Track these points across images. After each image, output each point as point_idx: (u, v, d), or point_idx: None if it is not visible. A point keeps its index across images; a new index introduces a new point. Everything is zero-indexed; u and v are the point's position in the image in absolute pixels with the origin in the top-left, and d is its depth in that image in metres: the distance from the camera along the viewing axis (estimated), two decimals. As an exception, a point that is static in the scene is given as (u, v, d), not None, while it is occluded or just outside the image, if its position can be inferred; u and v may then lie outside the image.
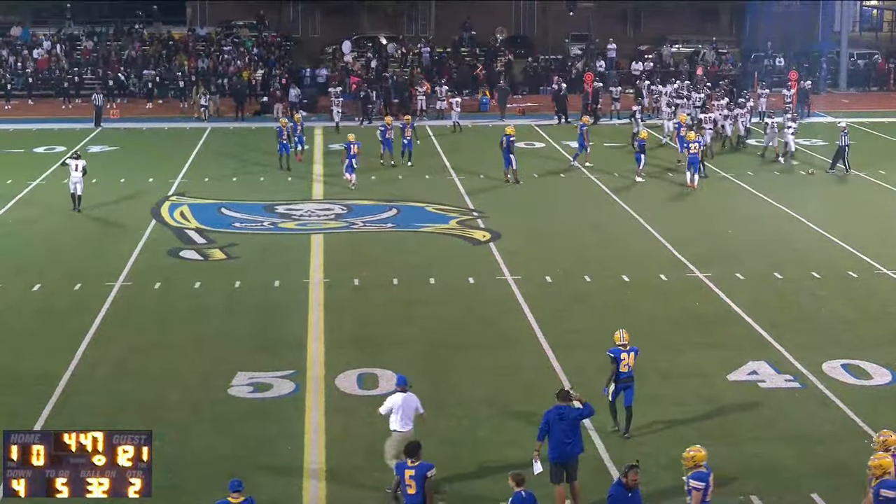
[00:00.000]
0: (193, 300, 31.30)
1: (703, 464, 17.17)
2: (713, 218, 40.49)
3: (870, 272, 33.50)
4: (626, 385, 22.45)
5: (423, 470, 17.67)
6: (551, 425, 19.32)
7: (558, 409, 19.50)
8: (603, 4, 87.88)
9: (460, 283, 32.65)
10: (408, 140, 49.38)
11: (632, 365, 22.42)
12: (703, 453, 17.25)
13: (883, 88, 75.79)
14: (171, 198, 43.55)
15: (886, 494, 16.74)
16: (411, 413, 20.35)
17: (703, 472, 17.10)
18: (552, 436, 19.30)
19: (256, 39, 79.42)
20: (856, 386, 25.13)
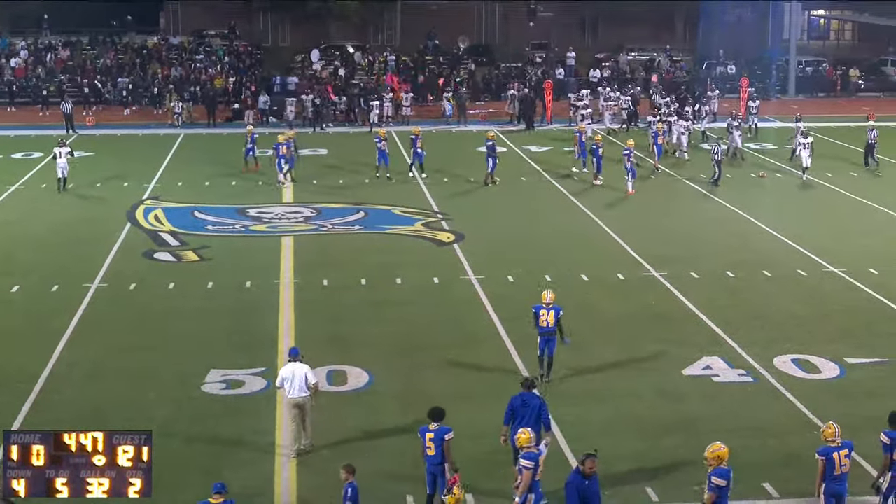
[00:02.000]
0: (168, 301, 31.20)
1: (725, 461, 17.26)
2: (668, 219, 40.60)
3: (818, 271, 33.67)
4: (548, 338, 24.63)
5: (442, 433, 18.49)
6: (515, 411, 19.73)
7: (522, 396, 19.90)
8: (562, 14, 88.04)
9: (426, 283, 32.66)
10: (420, 151, 47.78)
11: (551, 322, 24.47)
12: (726, 450, 17.32)
13: (830, 95, 76.15)
14: (145, 201, 43.39)
15: (717, 482, 16.99)
16: (302, 381, 21.30)
17: (725, 470, 17.15)
18: (517, 421, 19.57)
19: (228, 48, 79.29)
20: (805, 380, 25.26)
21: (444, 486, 18.12)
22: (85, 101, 68.00)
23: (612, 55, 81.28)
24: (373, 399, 24.23)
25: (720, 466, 17.13)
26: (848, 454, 17.85)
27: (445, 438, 18.47)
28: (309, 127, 60.99)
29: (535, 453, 17.69)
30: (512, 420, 19.73)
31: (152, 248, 36.60)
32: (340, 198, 44.08)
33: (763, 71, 77.11)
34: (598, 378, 25.24)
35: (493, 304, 30.47)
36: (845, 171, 48.56)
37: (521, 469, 17.56)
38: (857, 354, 26.66)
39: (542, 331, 24.67)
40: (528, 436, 17.83)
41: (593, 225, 39.38)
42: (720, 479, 17.04)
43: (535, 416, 19.66)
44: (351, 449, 21.61)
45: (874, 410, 21.28)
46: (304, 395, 21.37)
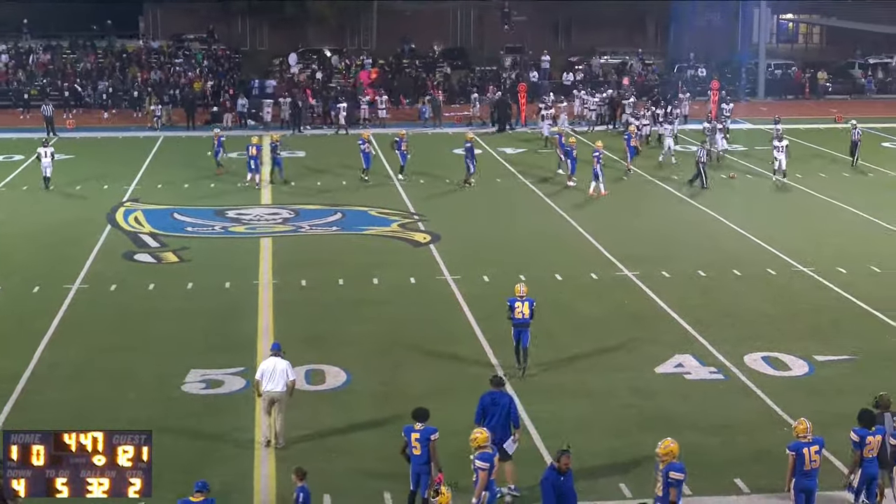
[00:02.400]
0: (148, 301, 31.11)
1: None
2: (640, 220, 40.68)
3: (788, 270, 33.79)
4: (522, 329, 25.00)
5: (428, 434, 18.46)
6: (486, 409, 19.76)
7: (492, 394, 19.92)
8: (536, 17, 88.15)
9: (403, 282, 32.66)
10: (405, 153, 47.68)
11: (526, 314, 24.88)
12: (677, 445, 17.31)
13: (798, 97, 76.42)
14: (125, 204, 43.25)
15: (675, 476, 17.02)
16: (280, 376, 21.44)
17: (680, 464, 17.17)
18: (487, 419, 19.63)
19: (206, 52, 79.14)
20: (775, 377, 25.34)
21: (427, 485, 18.12)
22: (65, 104, 67.83)
23: (585, 58, 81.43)
24: (350, 397, 24.21)
25: (674, 461, 17.15)
26: (818, 450, 17.90)
27: (431, 438, 18.46)
28: (286, 129, 60.87)
29: (490, 453, 17.65)
30: (483, 418, 19.73)
31: (132, 250, 36.49)
32: (318, 199, 44.04)
33: (733, 74, 77.36)
34: (572, 376, 25.26)
35: (468, 304, 30.48)
36: (814, 172, 48.71)
37: (476, 470, 17.51)
38: (825, 352, 26.76)
39: (517, 322, 25.08)
40: (485, 435, 17.80)
41: (567, 225, 39.43)
42: (679, 474, 17.08)
43: (505, 413, 19.71)
44: (329, 447, 21.62)
45: (843, 407, 21.36)
46: (282, 391, 21.46)
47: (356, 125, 62.10)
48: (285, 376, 21.52)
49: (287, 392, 21.59)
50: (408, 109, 68.75)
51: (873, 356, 26.56)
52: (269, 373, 21.54)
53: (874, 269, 33.79)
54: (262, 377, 21.62)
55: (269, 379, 21.49)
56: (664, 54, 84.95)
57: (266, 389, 21.51)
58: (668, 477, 17.03)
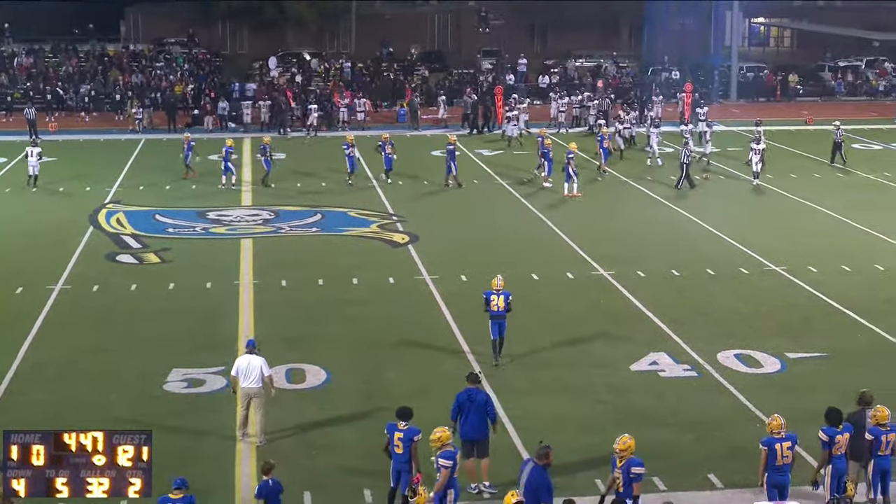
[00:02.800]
0: (130, 302, 31.02)
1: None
2: (616, 220, 40.77)
3: (760, 269, 33.90)
4: (498, 322, 25.53)
5: (411, 434, 18.40)
6: (462, 406, 19.76)
7: (468, 391, 19.91)
8: (512, 21, 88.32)
9: (382, 283, 32.64)
10: (388, 156, 47.20)
11: (501, 306, 25.35)
12: (633, 441, 17.36)
13: (770, 99, 76.63)
14: (107, 205, 43.12)
15: (637, 471, 17.07)
16: (255, 372, 21.51)
17: (639, 459, 17.21)
18: (463, 415, 19.68)
19: (187, 56, 78.97)
20: (748, 374, 25.42)
21: (408, 484, 18.08)
22: (47, 107, 67.60)
23: (561, 61, 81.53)
24: (331, 396, 24.20)
25: (633, 457, 17.19)
26: (791, 446, 17.99)
27: (414, 439, 18.41)
28: (265, 132, 60.68)
29: (453, 452, 17.66)
30: (459, 414, 19.76)
31: (114, 251, 36.39)
32: (298, 201, 44.00)
33: (706, 76, 77.55)
34: (548, 373, 25.29)
35: (446, 303, 30.50)
36: (786, 173, 48.84)
37: (440, 468, 17.49)
38: (797, 349, 26.86)
39: (494, 314, 25.55)
40: (448, 434, 17.78)
41: (543, 226, 39.47)
42: (640, 468, 17.13)
43: (481, 410, 19.72)
44: (310, 444, 21.61)
45: (814, 403, 21.42)
46: (258, 387, 21.53)
47: (335, 128, 62.11)
48: (260, 372, 21.55)
49: (264, 388, 21.63)
50: (386, 112, 68.69)
51: (844, 353, 26.69)
52: (245, 369, 21.62)
53: (845, 268, 33.93)
54: (237, 374, 21.71)
55: (245, 376, 21.58)
56: (638, 57, 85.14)
57: (242, 386, 21.60)
58: (630, 472, 17.06)
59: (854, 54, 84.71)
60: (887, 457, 18.36)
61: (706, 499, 19.49)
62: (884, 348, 27.19)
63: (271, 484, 17.27)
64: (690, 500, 19.24)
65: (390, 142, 47.70)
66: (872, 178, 48.50)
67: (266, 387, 21.70)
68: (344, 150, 47.17)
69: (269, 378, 21.77)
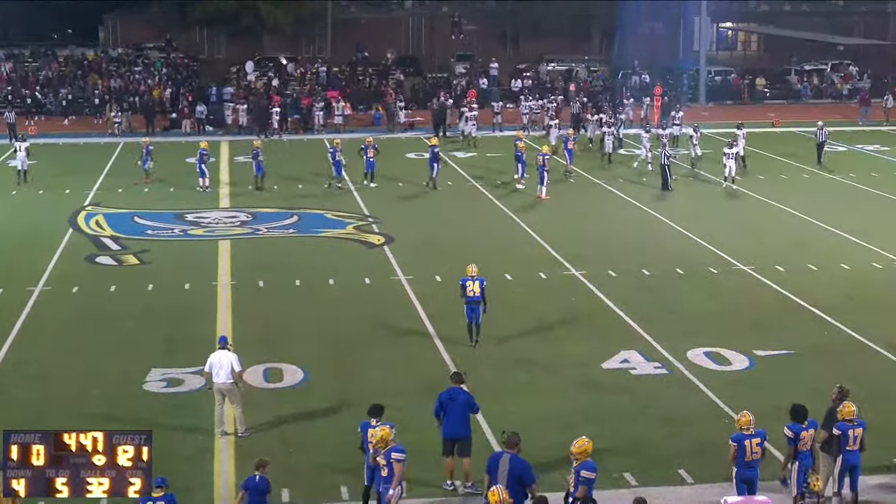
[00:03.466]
0: (109, 303, 30.91)
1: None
2: (587, 221, 40.83)
3: (728, 268, 34.00)
4: (473, 306, 26.56)
5: (391, 452, 17.97)
6: (444, 405, 19.76)
7: (450, 390, 19.92)
8: (485, 26, 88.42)
9: (358, 283, 32.61)
10: (371, 160, 46.85)
11: (476, 292, 26.43)
12: (590, 444, 17.30)
13: (737, 102, 76.85)
14: (86, 208, 42.96)
15: (586, 475, 17.01)
16: (227, 368, 21.63)
17: (592, 463, 17.18)
18: (445, 414, 19.70)
19: (165, 60, 78.78)
20: (717, 371, 25.48)
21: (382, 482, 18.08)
22: (27, 111, 67.29)
23: (533, 65, 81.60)
24: (308, 394, 24.15)
25: (587, 460, 17.16)
26: (760, 443, 18.01)
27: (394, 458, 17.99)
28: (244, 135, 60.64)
29: (401, 447, 17.65)
30: (442, 413, 19.76)
31: (94, 253, 36.26)
32: (275, 203, 43.91)
33: (675, 80, 77.74)
34: (521, 372, 25.30)
35: (421, 303, 30.48)
36: (754, 174, 48.94)
37: (391, 464, 17.47)
38: (765, 347, 26.93)
39: (469, 300, 26.59)
40: (388, 431, 17.77)
41: (516, 227, 39.50)
42: (590, 473, 17.05)
43: (462, 409, 19.70)
44: (287, 442, 21.56)
45: (782, 400, 21.44)
46: (229, 382, 21.66)
47: (311, 131, 62.12)
48: (231, 368, 21.67)
49: (235, 383, 21.72)
50: (362, 115, 68.60)
51: (810, 351, 26.77)
52: (216, 366, 21.77)
53: (811, 267, 34.05)
54: (209, 369, 21.90)
55: (217, 372, 21.75)
56: (609, 61, 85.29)
57: (214, 382, 21.79)
58: (580, 475, 17.03)
59: (819, 58, 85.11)
60: (855, 452, 18.41)
61: (676, 493, 19.52)
62: (849, 345, 27.29)
63: (257, 480, 17.19)
64: (661, 495, 19.25)
65: (373, 145, 47.57)
66: (838, 178, 48.70)
67: (237, 381, 21.77)
68: (330, 154, 46.69)
69: (238, 374, 21.83)
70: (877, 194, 45.27)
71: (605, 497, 16.58)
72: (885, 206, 43.08)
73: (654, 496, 18.48)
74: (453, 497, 19.48)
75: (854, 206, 42.98)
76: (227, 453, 21.14)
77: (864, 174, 49.52)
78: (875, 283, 32.67)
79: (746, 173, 48.59)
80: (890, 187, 46.33)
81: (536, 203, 43.37)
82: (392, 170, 49.18)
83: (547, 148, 45.83)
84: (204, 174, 46.23)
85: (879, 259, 34.94)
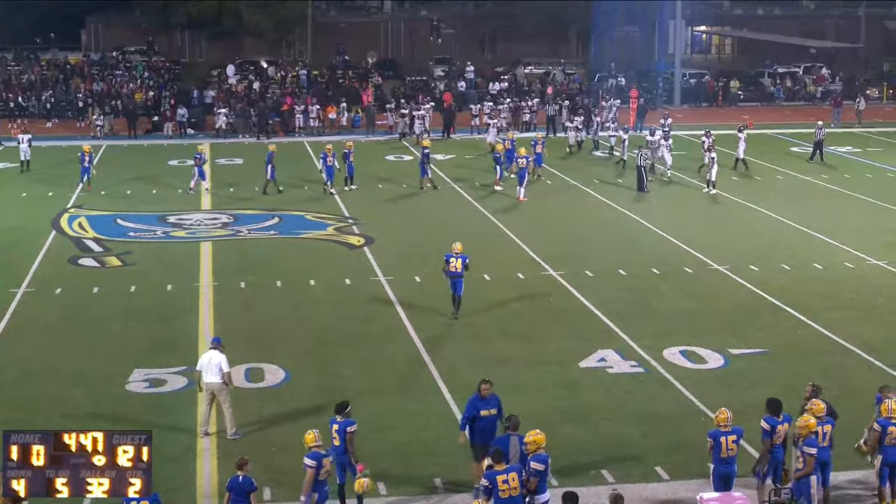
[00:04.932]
0: (92, 304, 30.82)
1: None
2: (564, 222, 40.88)
3: (703, 268, 34.10)
4: (456, 280, 28.66)
5: (345, 425, 18.63)
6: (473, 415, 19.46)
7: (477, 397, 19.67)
8: (463, 30, 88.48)
9: (338, 284, 32.59)
10: (351, 164, 46.38)
11: (458, 268, 28.42)
12: (543, 436, 17.38)
13: (712, 104, 76.98)
14: (69, 210, 42.81)
15: (535, 467, 17.10)
16: (216, 368, 21.73)
17: (544, 455, 17.25)
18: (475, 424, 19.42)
19: (147, 63, 78.54)
20: (693, 370, 25.56)
21: (355, 474, 18.14)
22: (10, 114, 67.02)
23: (510, 69, 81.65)
24: (289, 394, 24.15)
25: (538, 452, 17.21)
26: (736, 440, 18.09)
27: (347, 430, 18.59)
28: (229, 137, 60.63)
29: (321, 453, 17.60)
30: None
31: (77, 255, 36.14)
32: (256, 204, 43.85)
33: (650, 83, 77.88)
34: (501, 371, 25.27)
35: (401, 303, 30.49)
36: (728, 175, 49.00)
37: (305, 468, 17.52)
38: (739, 345, 27.05)
39: (451, 275, 28.64)
40: (314, 436, 17.69)
41: (494, 228, 39.54)
42: (539, 464, 17.13)
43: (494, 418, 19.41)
44: (269, 441, 21.55)
45: (756, 398, 21.55)
46: (218, 381, 21.75)
47: (292, 134, 62.11)
48: (220, 368, 21.75)
49: (223, 383, 21.75)
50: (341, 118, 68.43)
51: (784, 349, 26.89)
52: (206, 365, 21.89)
53: (785, 266, 34.19)
54: (200, 369, 22.01)
55: (207, 371, 21.85)
56: (585, 64, 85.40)
57: (204, 380, 21.87)
58: (529, 465, 17.13)
59: (792, 61, 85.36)
60: (825, 448, 18.49)
61: (653, 490, 19.59)
62: (822, 344, 27.41)
63: (241, 480, 17.13)
64: (638, 492, 19.32)
65: (353, 150, 47.49)
66: (810, 179, 48.86)
67: (226, 381, 21.81)
68: (322, 159, 45.92)
69: (227, 375, 21.85)
70: (849, 195, 45.45)
71: (582, 494, 16.58)
72: (857, 207, 43.27)
73: (630, 492, 18.54)
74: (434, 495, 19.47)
75: (827, 207, 43.13)
76: (209, 453, 21.12)
77: (836, 175, 49.72)
78: (847, 282, 32.82)
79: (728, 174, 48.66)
80: (862, 188, 46.53)
81: (515, 204, 43.41)
82: (371, 172, 49.15)
83: (524, 150, 45.74)
84: (203, 176, 46.02)
85: (851, 259, 35.10)
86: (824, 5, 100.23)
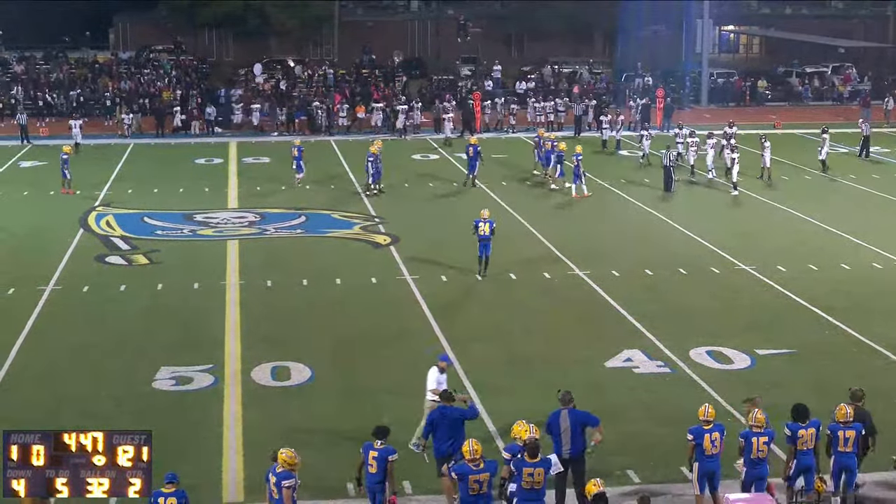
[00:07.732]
0: (119, 302, 30.93)
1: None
2: (590, 222, 40.81)
3: (730, 268, 33.96)
4: (484, 243, 32.36)
5: (385, 454, 17.56)
6: (435, 424, 19.05)
7: (441, 409, 19.18)
8: (490, 29, 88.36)
9: (364, 283, 32.60)
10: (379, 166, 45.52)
11: (486, 231, 32.01)
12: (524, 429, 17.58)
13: (739, 104, 76.69)
14: (97, 208, 42.96)
15: (505, 456, 17.35)
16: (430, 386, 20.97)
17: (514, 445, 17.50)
18: (436, 433, 19.03)
19: (174, 62, 78.72)
20: (719, 370, 25.47)
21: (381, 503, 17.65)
22: (38, 113, 67.30)
23: (537, 68, 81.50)
24: (315, 393, 24.17)
25: (514, 444, 17.39)
26: (767, 441, 17.99)
27: (389, 459, 17.58)
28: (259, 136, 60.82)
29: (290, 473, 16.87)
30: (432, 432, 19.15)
31: (104, 253, 36.27)
32: (283, 203, 43.90)
33: (677, 82, 77.65)
34: (526, 371, 25.28)
35: (427, 302, 30.46)
36: (755, 175, 48.76)
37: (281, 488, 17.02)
38: (766, 346, 26.92)
39: (481, 238, 32.25)
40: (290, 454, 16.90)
41: (520, 227, 39.45)
42: (506, 454, 17.45)
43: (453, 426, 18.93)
44: (294, 441, 21.48)
45: (782, 398, 21.44)
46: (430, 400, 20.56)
47: (319, 132, 62.22)
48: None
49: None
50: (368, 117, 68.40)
51: (811, 350, 26.76)
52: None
53: (812, 267, 34.02)
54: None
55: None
56: (611, 63, 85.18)
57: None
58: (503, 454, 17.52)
59: (820, 61, 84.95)
60: (848, 454, 18.27)
61: (678, 490, 19.50)
62: (850, 344, 27.26)
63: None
64: (664, 493, 19.23)
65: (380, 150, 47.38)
66: (839, 180, 48.63)
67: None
68: (368, 161, 45.04)
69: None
70: (877, 195, 45.20)
71: (608, 494, 16.54)
72: (886, 208, 43.03)
73: (657, 493, 18.47)
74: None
75: (855, 208, 42.92)
76: (234, 450, 21.15)
77: (864, 176, 49.46)
78: (875, 283, 32.64)
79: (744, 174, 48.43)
80: (890, 189, 46.25)
81: (538, 202, 43.33)
82: (397, 171, 49.14)
83: (580, 148, 45.61)
84: (301, 170, 46.80)
85: (879, 259, 34.91)
86: (852, 5, 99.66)
